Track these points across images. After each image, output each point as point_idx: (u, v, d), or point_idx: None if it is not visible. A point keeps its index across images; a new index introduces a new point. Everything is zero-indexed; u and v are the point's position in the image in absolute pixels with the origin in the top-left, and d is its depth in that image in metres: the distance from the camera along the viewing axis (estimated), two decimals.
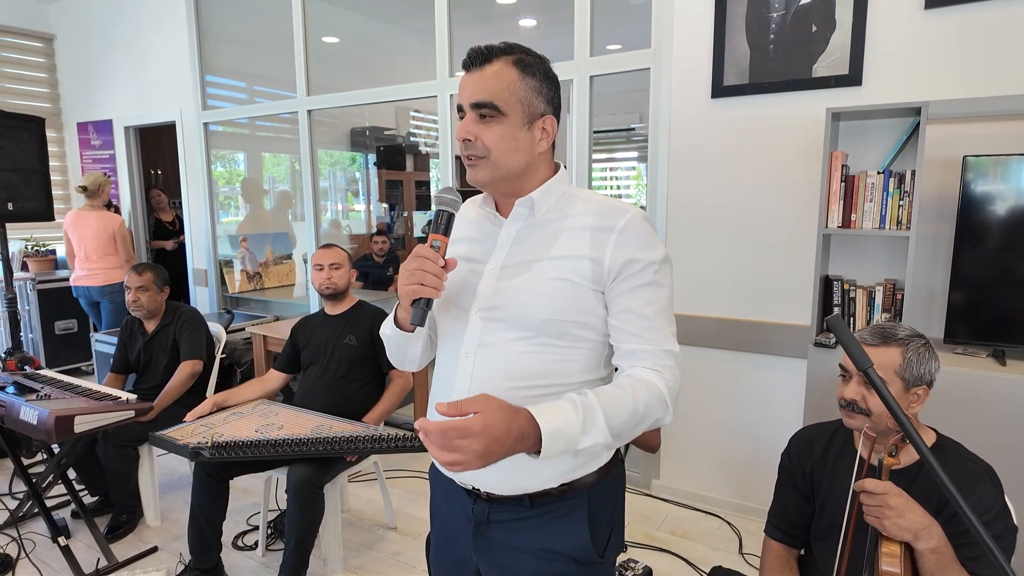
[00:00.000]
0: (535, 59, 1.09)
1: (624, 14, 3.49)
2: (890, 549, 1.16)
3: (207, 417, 2.36)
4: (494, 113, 1.04)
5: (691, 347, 2.88)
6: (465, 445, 0.84)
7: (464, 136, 1.07)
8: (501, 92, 1.04)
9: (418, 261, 1.02)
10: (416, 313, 1.03)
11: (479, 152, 1.06)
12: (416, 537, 2.71)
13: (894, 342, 1.30)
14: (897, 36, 2.32)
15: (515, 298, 1.07)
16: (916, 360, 1.28)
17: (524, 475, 1.09)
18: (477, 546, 1.17)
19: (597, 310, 1.08)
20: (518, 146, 1.07)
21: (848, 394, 1.33)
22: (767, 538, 1.54)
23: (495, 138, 1.05)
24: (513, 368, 1.07)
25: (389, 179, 6.55)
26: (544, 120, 1.09)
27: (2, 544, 2.61)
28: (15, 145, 3.13)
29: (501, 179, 1.09)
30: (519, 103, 1.05)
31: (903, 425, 0.83)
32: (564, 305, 1.05)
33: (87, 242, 4.30)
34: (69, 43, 5.48)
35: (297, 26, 4.04)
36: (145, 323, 2.97)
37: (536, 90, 1.07)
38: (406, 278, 1.03)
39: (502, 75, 1.05)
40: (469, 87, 1.06)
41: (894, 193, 2.22)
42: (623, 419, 0.96)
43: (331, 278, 2.59)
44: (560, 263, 1.07)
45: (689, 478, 2.99)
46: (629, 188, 6.77)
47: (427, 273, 1.01)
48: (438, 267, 1.02)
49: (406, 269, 1.03)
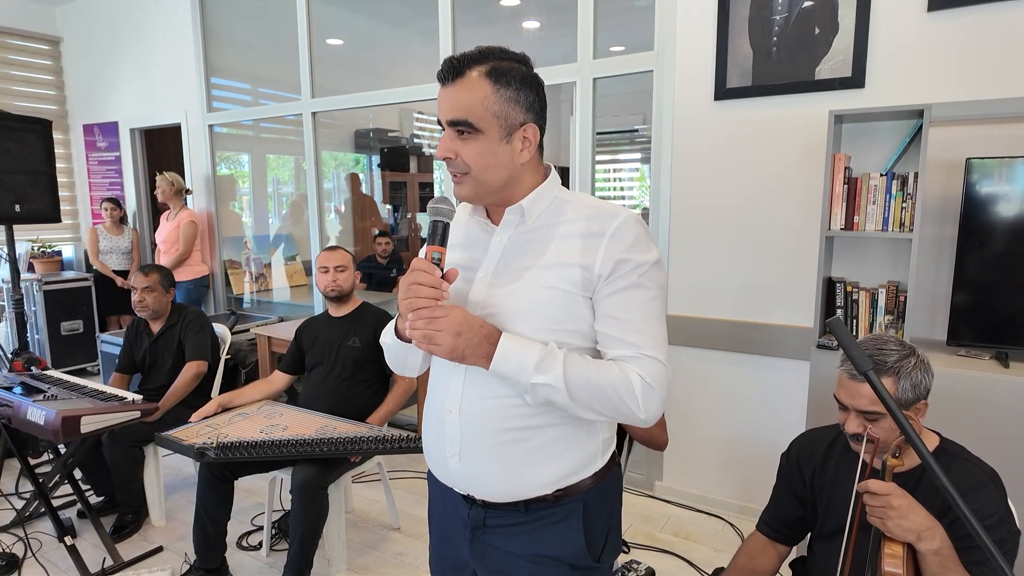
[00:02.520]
0: (511, 64, 1.05)
1: (627, 16, 3.49)
2: (893, 550, 1.16)
3: (212, 418, 2.37)
4: (470, 131, 1.03)
5: (693, 349, 2.88)
6: (444, 320, 0.98)
7: (444, 155, 1.05)
8: (475, 109, 1.01)
9: (415, 275, 1.01)
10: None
11: (461, 169, 1.06)
12: (419, 538, 2.72)
13: (885, 372, 1.26)
14: (900, 38, 2.33)
15: (506, 307, 1.06)
16: (910, 384, 1.26)
17: (519, 480, 1.09)
18: (474, 551, 1.18)
19: (588, 317, 1.06)
20: (498, 161, 1.05)
21: (851, 428, 1.31)
22: (755, 530, 1.56)
23: (473, 155, 1.04)
24: None
25: (393, 181, 6.56)
26: (524, 129, 1.06)
27: (9, 543, 2.62)
28: (22, 147, 3.15)
29: (485, 194, 1.09)
30: (494, 118, 1.02)
31: (905, 430, 0.83)
32: (555, 313, 1.04)
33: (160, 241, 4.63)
34: (75, 46, 5.52)
35: (301, 28, 4.06)
36: (151, 324, 2.99)
37: (512, 100, 1.03)
38: (404, 292, 1.03)
39: (475, 90, 1.02)
40: (444, 103, 1.04)
41: (897, 195, 2.22)
42: (581, 378, 1.00)
43: (336, 280, 2.60)
44: (551, 271, 1.05)
45: (692, 479, 2.99)
46: (632, 190, 6.76)
47: (423, 286, 1.00)
48: (435, 279, 1.02)
49: (404, 283, 1.03)
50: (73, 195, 5.78)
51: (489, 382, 1.07)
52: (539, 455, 1.08)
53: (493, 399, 1.07)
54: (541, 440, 1.08)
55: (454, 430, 1.11)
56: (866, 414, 1.27)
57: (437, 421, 1.14)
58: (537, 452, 1.08)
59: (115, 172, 5.45)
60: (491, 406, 1.07)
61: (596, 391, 1.00)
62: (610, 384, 1.00)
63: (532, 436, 1.07)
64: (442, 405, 1.13)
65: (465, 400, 1.09)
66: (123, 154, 5.36)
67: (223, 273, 4.92)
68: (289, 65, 4.18)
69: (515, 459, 1.08)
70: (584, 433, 1.11)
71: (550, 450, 1.09)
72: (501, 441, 1.07)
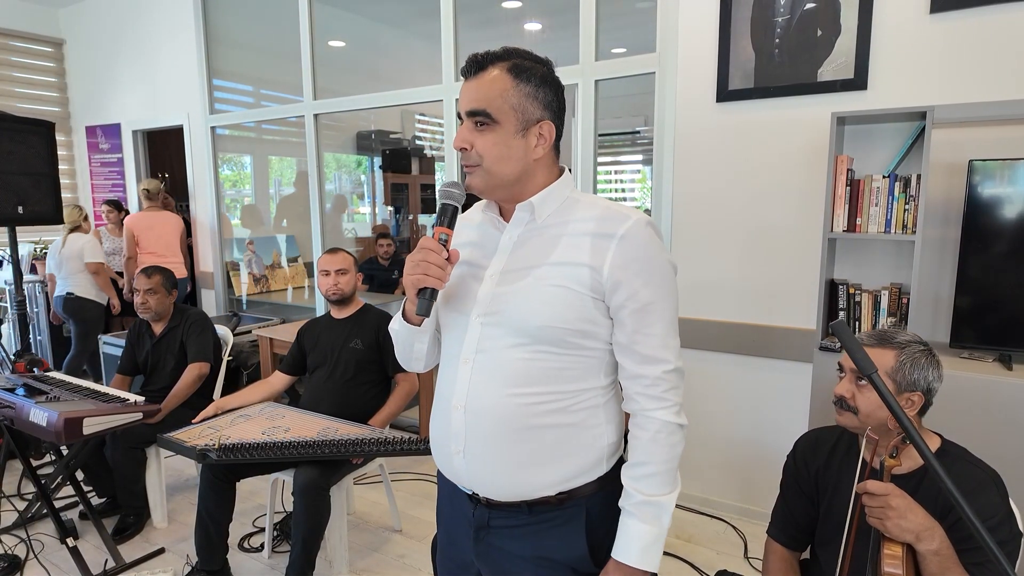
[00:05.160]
0: (533, 63, 1.08)
1: (629, 18, 3.49)
2: (892, 551, 1.16)
3: (214, 419, 2.37)
4: (487, 121, 1.05)
5: (696, 351, 2.88)
6: None
7: (459, 145, 1.07)
8: (494, 100, 1.04)
9: (423, 252, 1.04)
10: (421, 304, 1.05)
11: (473, 160, 1.07)
12: (421, 540, 2.72)
13: (890, 344, 1.31)
14: (902, 40, 2.32)
15: (513, 304, 1.07)
16: (910, 365, 1.28)
17: (523, 480, 1.09)
18: (478, 551, 1.18)
19: (597, 318, 1.06)
20: (510, 154, 1.06)
21: (839, 390, 1.35)
22: (769, 539, 1.54)
23: (487, 146, 1.05)
24: (509, 375, 1.07)
25: (394, 182, 6.57)
26: (540, 126, 1.07)
27: (11, 545, 2.62)
28: (25, 149, 3.16)
29: (496, 186, 1.09)
30: (512, 110, 1.05)
31: (904, 425, 0.83)
32: (562, 312, 1.04)
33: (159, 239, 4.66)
34: (78, 48, 5.53)
35: (304, 30, 4.07)
36: (153, 325, 2.99)
37: (531, 96, 1.06)
38: (411, 268, 1.05)
39: (496, 83, 1.05)
40: (465, 96, 1.07)
41: (899, 197, 2.22)
42: (658, 480, 1.09)
43: (338, 284, 2.60)
44: (559, 269, 1.06)
45: (694, 482, 2.98)
46: (634, 191, 6.76)
47: (431, 264, 1.03)
48: (442, 258, 1.04)
49: (411, 260, 1.05)
50: (75, 197, 5.79)
51: (495, 380, 1.07)
52: (543, 455, 1.08)
53: (499, 398, 1.07)
54: (546, 440, 1.08)
55: (459, 427, 1.11)
56: (859, 375, 1.32)
57: (444, 418, 1.15)
58: (541, 452, 1.08)
59: (117, 174, 5.46)
60: (496, 404, 1.07)
61: (672, 467, 1.10)
62: (666, 454, 1.08)
63: (537, 436, 1.08)
64: (449, 401, 1.13)
65: (471, 398, 1.09)
66: (125, 156, 5.37)
67: (224, 274, 4.92)
68: (291, 67, 4.18)
69: (519, 458, 1.08)
70: (589, 436, 1.11)
71: (555, 451, 1.09)
72: (506, 440, 1.08)
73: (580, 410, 1.09)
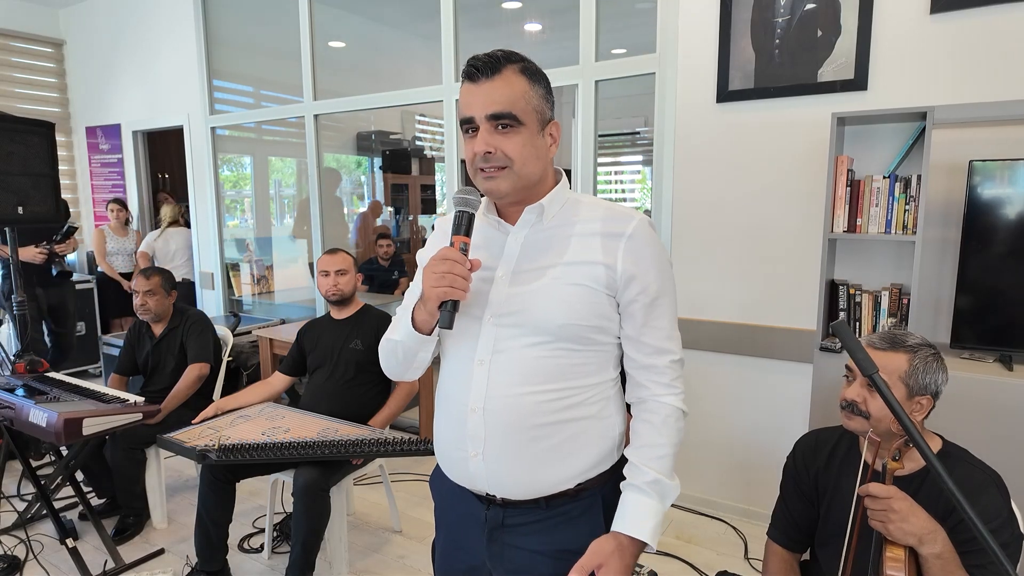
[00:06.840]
0: (535, 66, 1.11)
1: (629, 19, 3.49)
2: (894, 554, 1.16)
3: (214, 420, 2.37)
4: (513, 123, 1.04)
5: (696, 351, 2.87)
6: None
7: (486, 149, 1.05)
8: (518, 101, 1.05)
9: (447, 264, 1.02)
10: (444, 316, 1.03)
11: (500, 162, 1.06)
12: (421, 540, 2.72)
13: (902, 348, 1.30)
14: (903, 41, 2.32)
15: (532, 304, 1.08)
16: (923, 368, 1.28)
17: (544, 476, 1.11)
18: (492, 552, 1.17)
19: (610, 314, 1.11)
20: (537, 153, 1.08)
21: (849, 395, 1.34)
22: (769, 541, 1.54)
23: (517, 148, 1.05)
24: (529, 373, 1.08)
25: (395, 183, 6.57)
26: (551, 126, 1.11)
27: (10, 545, 2.62)
28: (25, 150, 3.15)
29: (522, 188, 1.10)
30: (533, 111, 1.07)
31: (908, 429, 0.83)
32: (581, 310, 1.07)
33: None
34: (79, 48, 5.53)
35: (304, 31, 4.07)
36: (153, 326, 2.99)
37: (543, 97, 1.09)
38: (435, 280, 1.02)
39: (516, 84, 1.05)
40: (481, 99, 1.05)
41: (900, 198, 2.21)
42: (670, 457, 1.14)
43: (337, 284, 2.60)
44: (575, 268, 1.08)
45: (694, 482, 2.98)
46: (634, 192, 6.76)
47: (457, 276, 1.02)
48: (466, 269, 1.04)
49: (434, 272, 1.03)
50: (76, 197, 5.79)
51: (514, 379, 1.08)
52: (563, 451, 1.10)
53: (518, 396, 1.08)
54: (564, 435, 1.10)
55: (477, 429, 1.10)
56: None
57: (456, 422, 1.14)
58: (561, 448, 1.10)
59: (117, 174, 5.46)
60: (516, 403, 1.08)
61: (676, 452, 1.15)
62: (675, 438, 1.14)
63: (556, 432, 1.09)
64: (463, 405, 1.12)
65: (490, 399, 1.09)
66: (125, 156, 5.37)
67: (224, 275, 4.92)
68: (291, 68, 4.18)
69: (539, 455, 1.10)
70: (605, 427, 1.14)
71: (572, 445, 1.11)
72: (527, 438, 1.09)
73: (595, 402, 1.13)
